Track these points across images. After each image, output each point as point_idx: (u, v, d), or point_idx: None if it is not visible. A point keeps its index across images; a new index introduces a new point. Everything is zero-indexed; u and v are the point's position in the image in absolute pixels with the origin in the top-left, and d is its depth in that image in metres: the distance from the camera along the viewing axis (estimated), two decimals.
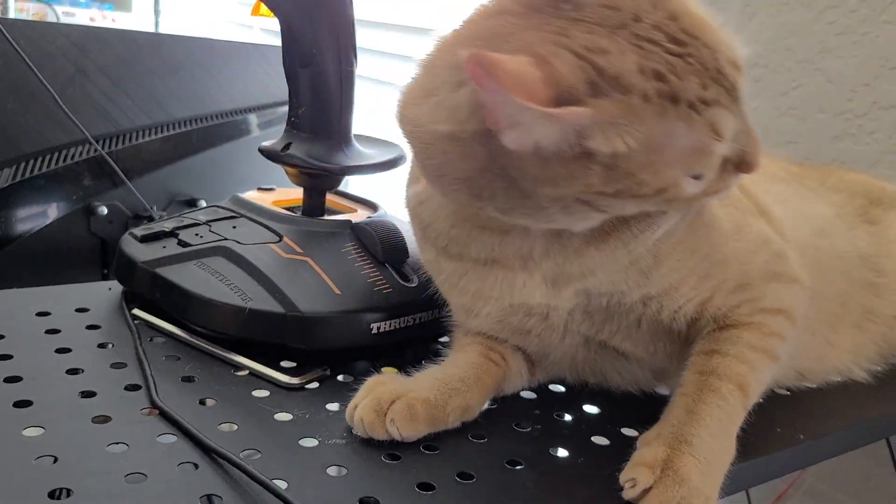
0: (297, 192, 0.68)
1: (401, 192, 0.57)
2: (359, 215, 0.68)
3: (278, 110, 1.29)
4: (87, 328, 0.60)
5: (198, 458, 0.44)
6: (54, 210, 0.96)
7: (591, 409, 0.56)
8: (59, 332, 0.58)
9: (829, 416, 0.59)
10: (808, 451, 0.54)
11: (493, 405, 0.54)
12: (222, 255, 0.60)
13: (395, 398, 0.47)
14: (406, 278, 0.61)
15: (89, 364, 0.54)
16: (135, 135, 1.05)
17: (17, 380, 0.50)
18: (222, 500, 0.40)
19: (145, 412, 0.48)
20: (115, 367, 0.54)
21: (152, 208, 1.03)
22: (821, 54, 0.99)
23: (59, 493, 0.40)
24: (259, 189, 0.72)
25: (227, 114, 1.21)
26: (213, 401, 0.51)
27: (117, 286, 0.66)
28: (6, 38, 0.91)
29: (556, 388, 0.58)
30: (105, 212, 0.99)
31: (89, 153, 0.98)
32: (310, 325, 0.55)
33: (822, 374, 0.63)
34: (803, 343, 0.57)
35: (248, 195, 0.69)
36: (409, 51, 1.70)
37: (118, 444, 0.44)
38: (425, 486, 0.44)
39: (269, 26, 2.37)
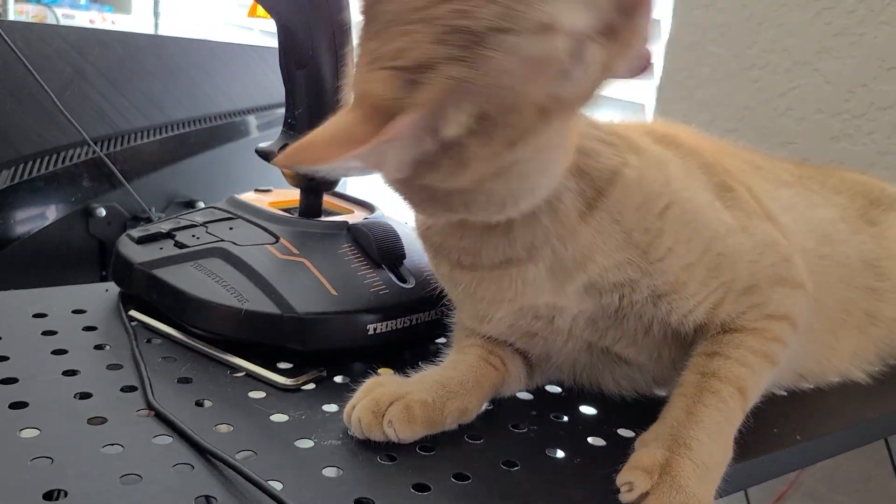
0: (294, 194, 0.68)
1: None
2: (356, 216, 0.68)
3: (277, 112, 1.29)
4: (84, 330, 0.60)
5: (193, 459, 0.44)
6: (53, 212, 0.96)
7: (587, 410, 0.56)
8: (55, 333, 0.58)
9: (827, 416, 0.59)
10: (806, 452, 0.54)
11: (489, 406, 0.54)
12: (219, 257, 0.60)
13: (393, 400, 0.47)
14: (402, 279, 0.61)
15: (86, 365, 0.54)
16: (133, 136, 1.05)
17: (13, 381, 0.50)
18: (217, 501, 0.40)
19: (142, 413, 0.48)
20: (111, 368, 0.54)
21: (151, 210, 1.03)
22: (818, 55, 0.99)
23: (56, 495, 0.40)
24: (256, 190, 0.72)
25: (225, 115, 1.21)
26: (210, 402, 0.51)
27: (114, 288, 0.66)
28: (4, 40, 0.91)
29: (553, 390, 0.58)
30: (103, 213, 0.99)
31: (88, 155, 0.98)
32: (306, 326, 0.55)
33: (821, 376, 0.63)
34: (804, 348, 0.57)
35: (244, 196, 0.69)
36: None
37: (114, 445, 0.44)
38: (421, 487, 0.44)
39: (268, 28, 2.38)
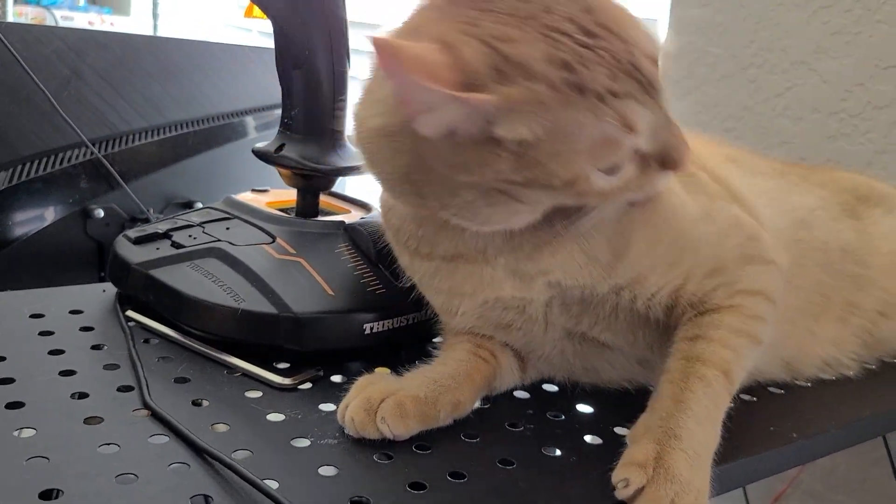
0: (291, 194, 0.68)
1: None
2: (352, 216, 0.68)
3: (275, 112, 1.28)
4: (81, 330, 0.60)
5: (190, 458, 0.44)
6: (51, 213, 0.96)
7: (583, 408, 0.56)
8: (52, 333, 0.58)
9: (823, 414, 0.59)
10: (802, 450, 0.54)
11: (485, 405, 0.54)
12: (215, 257, 0.60)
13: (385, 397, 0.48)
14: (399, 279, 0.61)
15: (82, 365, 0.54)
16: (131, 137, 1.05)
17: (9, 381, 0.50)
18: (214, 500, 0.40)
19: (139, 413, 0.48)
20: (108, 368, 0.54)
21: (149, 211, 1.03)
22: (815, 55, 1.00)
23: (52, 495, 0.40)
24: (253, 190, 0.72)
25: (223, 116, 1.21)
26: (206, 402, 0.51)
27: (111, 288, 0.66)
28: (3, 42, 0.91)
29: (550, 388, 0.58)
30: (101, 215, 0.99)
31: (86, 156, 0.98)
32: (303, 325, 0.56)
33: (808, 364, 0.63)
34: (784, 332, 0.57)
35: (241, 196, 0.69)
36: None
37: (110, 444, 0.44)
38: (417, 486, 0.44)
39: (266, 29, 2.38)
